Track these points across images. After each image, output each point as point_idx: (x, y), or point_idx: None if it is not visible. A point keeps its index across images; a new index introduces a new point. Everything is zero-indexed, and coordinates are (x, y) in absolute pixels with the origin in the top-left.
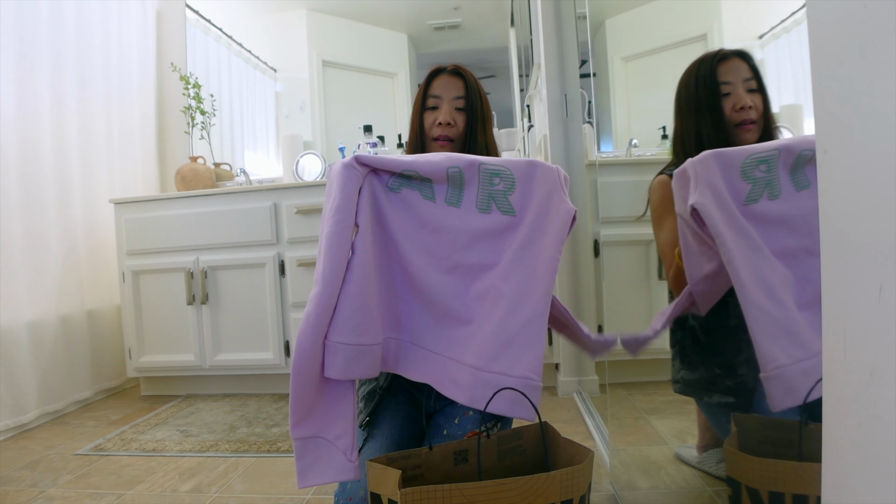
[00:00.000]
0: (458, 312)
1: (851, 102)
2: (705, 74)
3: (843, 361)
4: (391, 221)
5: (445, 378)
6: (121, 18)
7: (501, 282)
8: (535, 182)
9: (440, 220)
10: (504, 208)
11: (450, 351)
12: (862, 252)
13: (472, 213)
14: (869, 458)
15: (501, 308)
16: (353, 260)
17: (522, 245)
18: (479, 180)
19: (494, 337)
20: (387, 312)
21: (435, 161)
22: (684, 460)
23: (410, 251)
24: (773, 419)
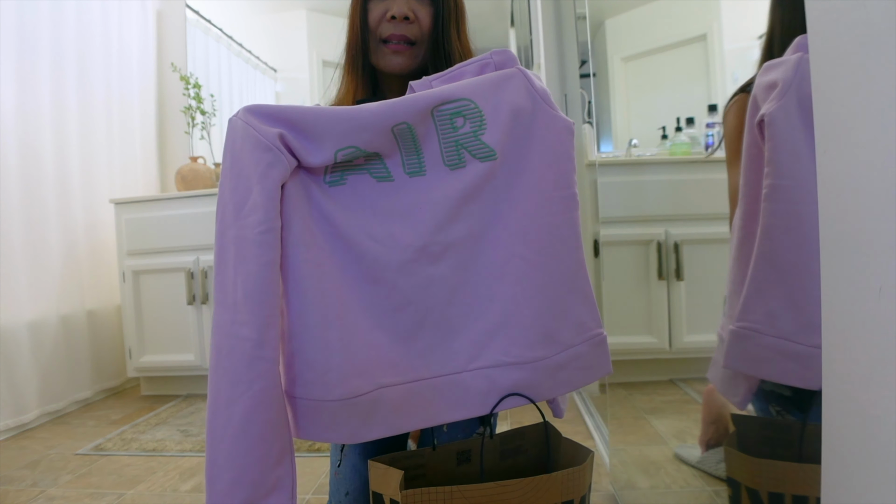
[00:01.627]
0: (469, 307)
1: (851, 102)
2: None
3: (843, 361)
4: (342, 225)
5: (490, 396)
6: (121, 19)
7: (514, 241)
8: (508, 104)
9: (408, 199)
10: (481, 154)
11: (476, 360)
12: (862, 252)
13: (444, 174)
14: (869, 458)
15: (530, 277)
16: (302, 275)
17: (509, 184)
18: (438, 130)
19: (540, 315)
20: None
21: (372, 115)
22: (684, 460)
23: (381, 254)
24: (772, 419)
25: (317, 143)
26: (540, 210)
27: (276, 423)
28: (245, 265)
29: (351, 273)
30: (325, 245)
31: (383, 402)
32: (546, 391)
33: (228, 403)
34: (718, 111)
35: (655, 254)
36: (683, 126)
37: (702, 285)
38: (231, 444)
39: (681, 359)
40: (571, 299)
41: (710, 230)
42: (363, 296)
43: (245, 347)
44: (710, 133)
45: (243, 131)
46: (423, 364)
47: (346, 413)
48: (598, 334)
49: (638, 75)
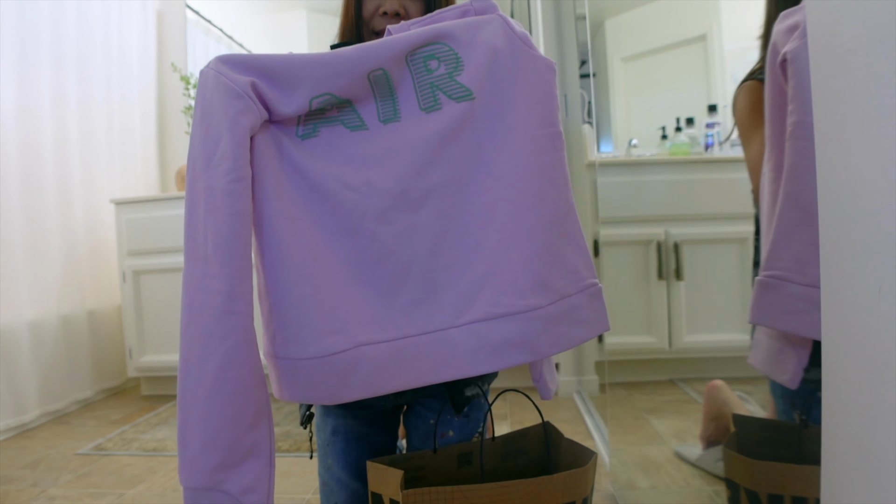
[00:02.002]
0: (454, 257)
1: (851, 102)
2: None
3: (843, 361)
4: (316, 176)
5: (479, 353)
6: (121, 19)
7: (500, 185)
8: (485, 45)
9: (384, 145)
10: (457, 94)
11: (464, 315)
12: (862, 252)
13: (419, 117)
14: (869, 459)
15: (518, 221)
16: (274, 229)
17: (491, 126)
18: (413, 74)
19: (530, 260)
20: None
21: (347, 60)
22: (683, 458)
23: (358, 203)
24: (772, 420)
25: (290, 90)
26: (525, 150)
27: (250, 381)
28: (215, 216)
29: (327, 225)
30: (298, 198)
31: (363, 362)
32: (544, 346)
33: (200, 361)
34: (718, 111)
35: (655, 254)
36: (683, 126)
37: (702, 285)
38: (203, 405)
39: (681, 359)
40: (563, 244)
41: (710, 230)
42: (341, 249)
43: (216, 302)
44: (709, 133)
45: (214, 80)
46: (406, 321)
47: (323, 372)
48: (594, 284)
49: (638, 75)
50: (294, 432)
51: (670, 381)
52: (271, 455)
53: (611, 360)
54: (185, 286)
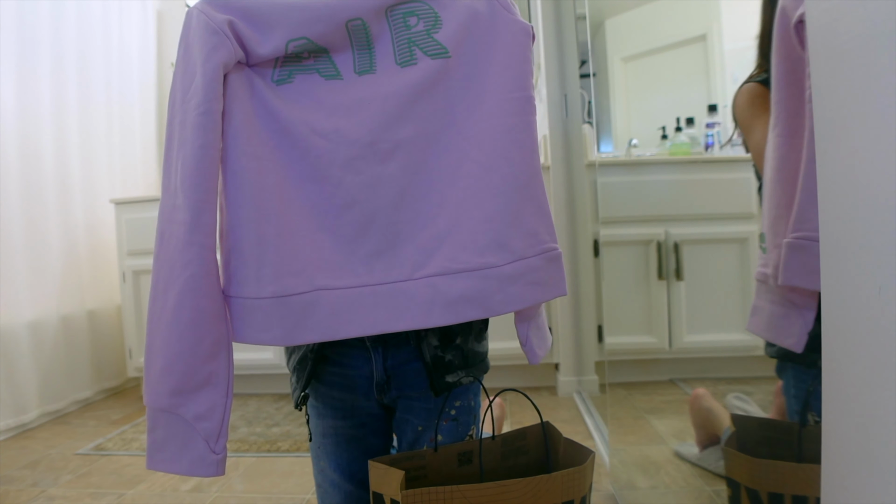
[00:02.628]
0: (417, 211)
1: (851, 102)
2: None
3: (843, 361)
4: (287, 120)
5: (434, 306)
6: (121, 18)
7: (468, 145)
8: (465, 6)
9: (356, 94)
10: (432, 51)
11: (423, 268)
12: (862, 252)
13: (394, 71)
14: (869, 458)
15: (482, 180)
16: (241, 167)
17: (464, 86)
18: (391, 28)
19: (490, 219)
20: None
21: (327, 6)
22: (683, 457)
23: (327, 150)
24: (771, 420)
25: (268, 32)
26: (495, 112)
27: (208, 312)
28: (183, 148)
29: (295, 170)
30: (267, 140)
31: (320, 305)
32: (497, 304)
33: (164, 289)
34: (718, 111)
35: (655, 254)
36: (683, 126)
37: (702, 285)
38: (164, 331)
39: (681, 359)
40: (525, 207)
41: (710, 230)
42: (307, 194)
43: (180, 232)
44: (710, 133)
45: (197, 18)
46: (366, 270)
47: (279, 312)
48: (552, 248)
49: (638, 75)
50: (294, 432)
51: (670, 381)
52: (229, 386)
53: (611, 360)
54: (158, 216)
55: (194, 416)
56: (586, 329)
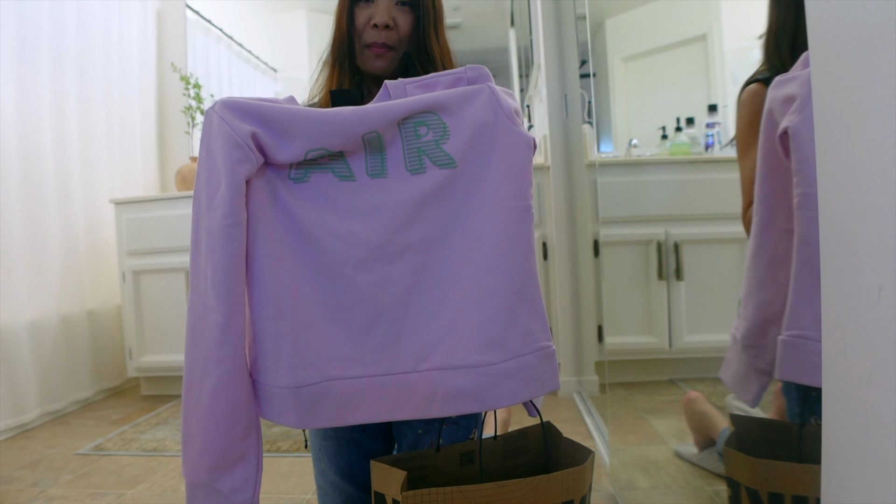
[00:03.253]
0: (422, 309)
1: (851, 102)
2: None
3: (843, 361)
4: (305, 221)
5: (434, 399)
6: (121, 19)
7: (469, 248)
8: (472, 118)
9: (369, 199)
10: (441, 161)
11: (425, 362)
12: (862, 252)
13: (404, 178)
14: (869, 458)
15: (482, 282)
16: (262, 268)
17: (468, 193)
18: (403, 137)
19: (488, 319)
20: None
21: (344, 122)
22: (683, 457)
23: (341, 250)
24: (771, 420)
25: (288, 141)
26: (496, 219)
27: (241, 401)
28: (213, 255)
29: (311, 268)
30: (286, 239)
31: (330, 394)
32: (492, 399)
33: (200, 379)
34: (718, 111)
35: (655, 254)
36: (683, 126)
37: (702, 285)
38: (202, 416)
39: (681, 359)
40: (521, 308)
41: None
42: (321, 290)
43: (213, 331)
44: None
45: (218, 126)
46: (373, 361)
47: (294, 401)
48: (547, 346)
49: (638, 75)
50: (294, 433)
51: (670, 381)
52: (259, 460)
53: (611, 360)
54: (189, 310)
55: (230, 489)
56: (586, 329)
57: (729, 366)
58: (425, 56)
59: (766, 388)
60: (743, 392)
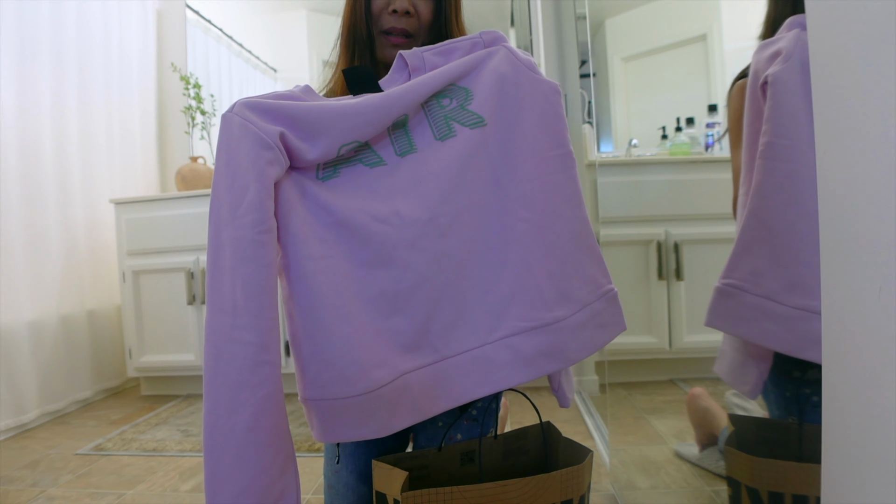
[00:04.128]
0: (480, 277)
1: (851, 102)
2: None
3: (843, 361)
4: (343, 212)
5: (515, 366)
6: (121, 19)
7: (515, 206)
8: (492, 72)
9: (406, 176)
10: (470, 121)
11: (496, 330)
12: (862, 252)
13: (436, 147)
14: (869, 458)
15: (538, 238)
16: (307, 272)
17: (503, 150)
18: (427, 112)
19: (553, 275)
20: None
21: (376, 110)
22: (684, 457)
23: (390, 234)
24: (770, 420)
25: (317, 139)
26: (538, 171)
27: (282, 429)
28: (244, 267)
29: (359, 260)
30: (326, 236)
31: (409, 389)
32: (573, 353)
33: (230, 413)
34: (718, 111)
35: (655, 254)
36: (683, 126)
37: (702, 285)
38: (235, 455)
39: (681, 359)
40: (581, 257)
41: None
42: (376, 280)
43: (248, 353)
44: (710, 133)
45: (241, 128)
46: (444, 343)
47: (373, 406)
48: (611, 290)
49: (638, 75)
50: (294, 432)
51: (670, 381)
52: (298, 498)
53: (611, 360)
54: (210, 336)
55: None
56: None
57: (723, 357)
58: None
59: (766, 376)
60: (740, 383)
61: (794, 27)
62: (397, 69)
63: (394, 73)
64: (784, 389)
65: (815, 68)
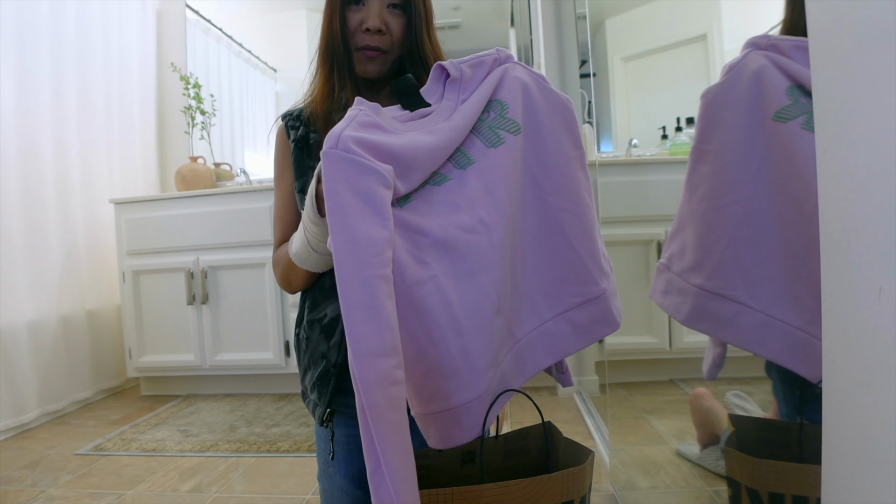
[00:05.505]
0: (538, 264)
1: (851, 102)
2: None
3: (843, 361)
4: (434, 230)
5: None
6: (121, 19)
7: (552, 199)
8: (517, 80)
9: (475, 185)
10: (512, 128)
11: (554, 308)
12: (862, 252)
13: (490, 154)
14: (869, 458)
15: (578, 226)
16: (417, 297)
17: (534, 151)
18: (473, 129)
19: (591, 255)
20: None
21: (452, 141)
22: (684, 456)
23: (478, 242)
24: (770, 420)
25: (410, 175)
26: (567, 169)
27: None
28: (390, 306)
29: (460, 273)
30: (426, 258)
31: (503, 378)
32: (616, 317)
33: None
34: None
35: (655, 254)
36: (683, 126)
37: None
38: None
39: (681, 359)
40: (599, 238)
41: None
42: (480, 288)
43: (402, 392)
44: None
45: (358, 165)
46: (518, 327)
47: (485, 404)
48: (611, 265)
49: (638, 75)
50: (294, 432)
51: (670, 382)
52: None
53: (611, 360)
54: (375, 383)
55: None
56: None
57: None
58: (417, 58)
59: (721, 362)
60: (705, 362)
61: (747, 47)
62: (434, 79)
63: (432, 82)
64: (793, 388)
65: (816, 68)
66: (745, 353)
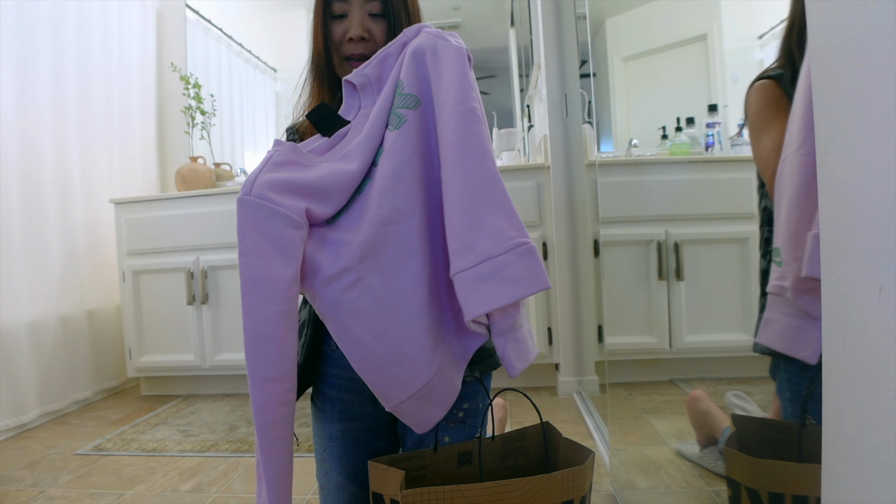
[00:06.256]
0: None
1: (851, 102)
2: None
3: (843, 361)
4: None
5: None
6: (121, 19)
7: (441, 169)
8: (409, 54)
9: (386, 172)
10: (410, 104)
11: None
12: (862, 252)
13: (394, 138)
14: (869, 458)
15: (443, 193)
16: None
17: (431, 119)
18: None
19: (452, 227)
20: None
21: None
22: (684, 456)
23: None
24: (771, 420)
25: (332, 200)
26: (445, 129)
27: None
28: (290, 336)
29: (385, 268)
30: (352, 264)
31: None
32: (475, 305)
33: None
34: (718, 111)
35: (655, 254)
36: (683, 126)
37: (702, 285)
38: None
39: (681, 359)
40: (484, 208)
41: (710, 230)
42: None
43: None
44: (710, 133)
45: (268, 210)
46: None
47: (446, 375)
48: (523, 243)
49: (638, 75)
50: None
51: (670, 382)
52: None
53: (611, 360)
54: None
55: None
56: (586, 329)
57: (772, 326)
58: None
59: None
60: (799, 347)
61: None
62: (348, 94)
63: (347, 99)
64: (801, 387)
65: (816, 68)
66: (745, 354)
